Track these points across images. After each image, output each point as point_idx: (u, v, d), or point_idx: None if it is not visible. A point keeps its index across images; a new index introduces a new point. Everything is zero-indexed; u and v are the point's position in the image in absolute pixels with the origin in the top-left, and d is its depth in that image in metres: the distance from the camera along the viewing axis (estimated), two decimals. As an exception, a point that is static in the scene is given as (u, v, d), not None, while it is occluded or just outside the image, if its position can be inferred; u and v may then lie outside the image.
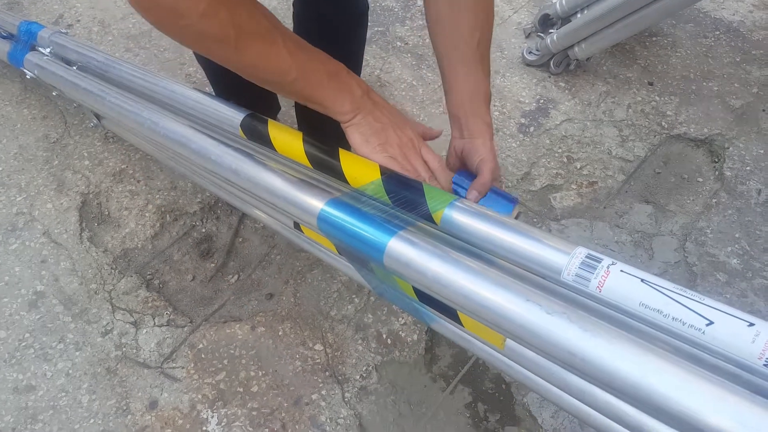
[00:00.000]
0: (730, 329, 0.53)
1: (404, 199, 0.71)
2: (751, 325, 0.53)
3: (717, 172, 1.48)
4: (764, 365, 0.51)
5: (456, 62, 0.80)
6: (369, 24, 1.86)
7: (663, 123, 1.58)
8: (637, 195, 1.43)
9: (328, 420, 1.04)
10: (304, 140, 0.80)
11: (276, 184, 0.75)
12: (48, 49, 1.32)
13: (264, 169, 0.77)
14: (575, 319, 0.53)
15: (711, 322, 0.54)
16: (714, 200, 1.41)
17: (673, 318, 0.56)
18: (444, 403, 1.07)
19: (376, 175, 0.73)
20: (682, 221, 1.37)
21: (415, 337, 1.16)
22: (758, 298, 1.24)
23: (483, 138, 0.80)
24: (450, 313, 0.75)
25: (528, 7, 1.95)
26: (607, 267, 0.59)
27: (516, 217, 0.77)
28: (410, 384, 1.10)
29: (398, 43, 1.81)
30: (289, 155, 0.81)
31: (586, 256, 0.60)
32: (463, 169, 0.83)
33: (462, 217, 0.67)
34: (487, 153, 0.79)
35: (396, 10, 1.93)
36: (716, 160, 1.51)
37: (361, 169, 0.75)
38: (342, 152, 0.78)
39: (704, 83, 1.70)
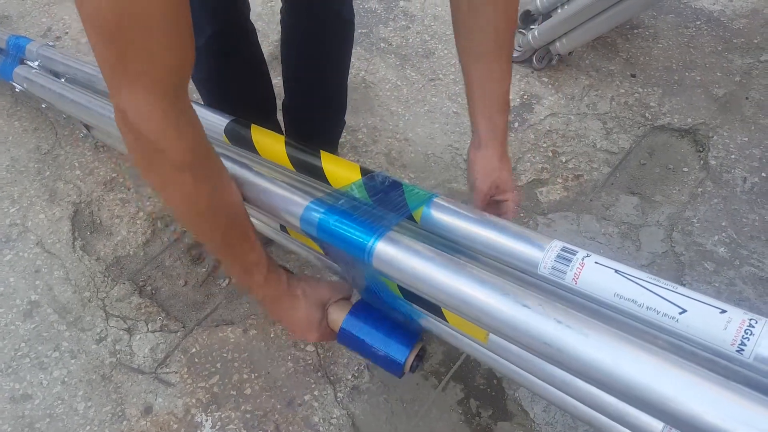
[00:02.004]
0: (703, 317, 0.55)
1: (385, 198, 0.72)
2: (723, 312, 0.54)
3: (702, 162, 1.49)
4: (737, 351, 0.53)
5: (472, 58, 0.77)
6: (353, 26, 1.88)
7: (647, 114, 1.60)
8: (623, 187, 1.44)
9: (321, 420, 1.06)
10: (286, 143, 0.82)
11: (259, 187, 0.76)
12: (36, 63, 1.33)
13: (247, 172, 0.78)
14: (550, 310, 0.54)
15: (684, 311, 0.56)
16: (700, 189, 1.43)
17: (648, 307, 0.57)
18: (436, 400, 1.09)
19: (357, 176, 0.74)
20: (669, 211, 1.38)
21: (407, 334, 1.17)
22: (746, 286, 1.25)
23: (486, 148, 0.78)
24: (434, 309, 0.76)
25: (512, 3, 1.96)
26: (582, 259, 0.61)
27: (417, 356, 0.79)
28: (402, 382, 1.11)
29: (382, 45, 1.82)
30: (272, 158, 0.83)
31: (562, 249, 0.62)
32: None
33: (440, 214, 0.69)
34: (482, 172, 0.79)
35: (379, 11, 1.94)
36: (701, 149, 1.52)
37: (342, 170, 0.76)
38: (323, 154, 0.79)
39: (687, 73, 1.71)
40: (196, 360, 1.13)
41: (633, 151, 1.52)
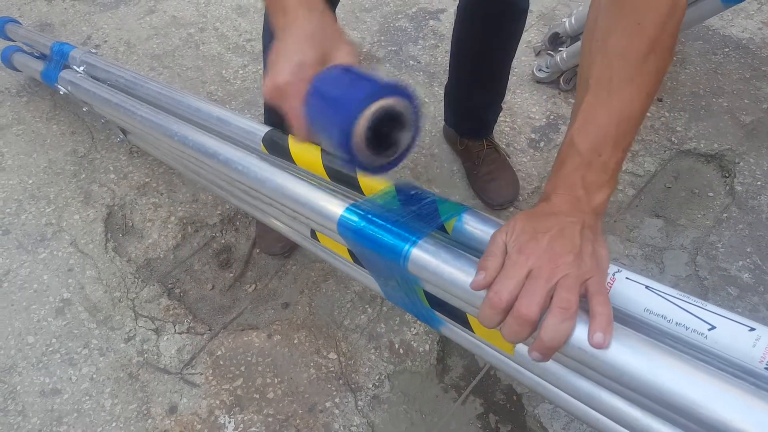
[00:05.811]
0: (732, 334, 0.55)
1: (417, 209, 0.74)
2: (752, 329, 0.55)
3: (728, 187, 1.49)
4: (765, 369, 0.53)
5: (594, 84, 0.56)
6: (383, 44, 1.92)
7: (673, 138, 1.61)
8: (648, 209, 1.44)
9: (341, 428, 1.07)
10: (322, 153, 0.84)
11: (298, 191, 0.78)
12: (81, 68, 1.38)
13: (286, 175, 0.81)
14: (582, 316, 0.55)
15: (713, 327, 0.57)
16: (725, 215, 1.43)
17: (677, 323, 0.58)
18: (456, 413, 1.09)
19: (391, 186, 0.77)
20: (693, 235, 1.38)
21: (427, 347, 1.18)
22: (771, 312, 1.24)
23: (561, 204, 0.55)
24: (460, 318, 0.77)
25: (538, 26, 1.99)
26: (613, 274, 0.62)
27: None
28: (422, 393, 1.12)
29: (411, 62, 1.86)
30: (308, 168, 0.85)
31: (592, 264, 0.63)
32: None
33: (473, 227, 0.70)
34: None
35: (409, 30, 1.98)
36: (727, 175, 1.52)
37: (376, 180, 0.79)
38: (358, 165, 0.81)
39: (714, 99, 1.72)
40: (221, 362, 1.15)
41: (658, 174, 1.52)
